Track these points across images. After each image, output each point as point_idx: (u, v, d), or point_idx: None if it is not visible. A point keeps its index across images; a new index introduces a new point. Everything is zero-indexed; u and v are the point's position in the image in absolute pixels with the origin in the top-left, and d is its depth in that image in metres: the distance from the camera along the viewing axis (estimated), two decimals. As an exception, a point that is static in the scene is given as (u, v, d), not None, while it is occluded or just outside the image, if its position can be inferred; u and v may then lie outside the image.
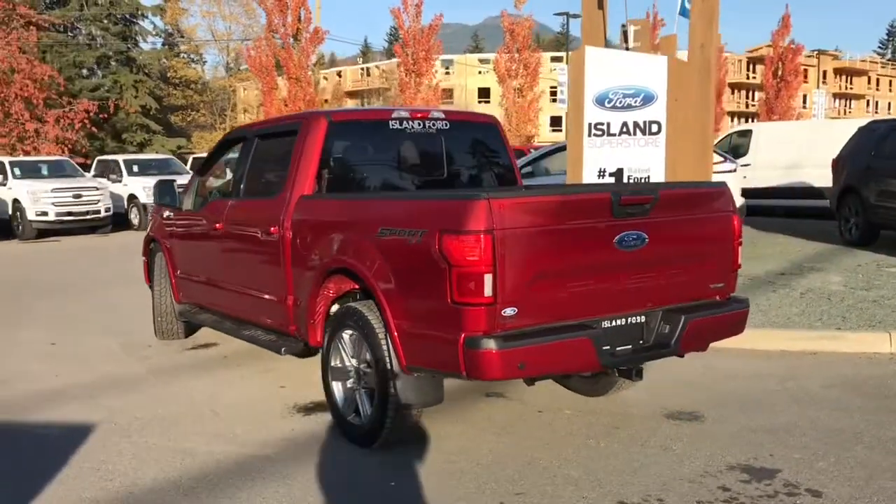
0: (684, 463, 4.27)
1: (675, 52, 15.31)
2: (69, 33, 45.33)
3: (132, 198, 20.09)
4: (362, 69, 75.77)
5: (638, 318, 4.31)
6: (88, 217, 17.70)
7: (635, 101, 8.35)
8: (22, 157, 22.50)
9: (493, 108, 47.41)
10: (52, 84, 32.09)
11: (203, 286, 6.37)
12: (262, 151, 5.78)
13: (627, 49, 8.68)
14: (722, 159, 11.74)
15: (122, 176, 20.40)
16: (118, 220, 19.33)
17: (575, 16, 34.59)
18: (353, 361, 4.59)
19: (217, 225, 5.92)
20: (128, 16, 46.73)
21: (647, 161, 8.34)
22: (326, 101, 34.74)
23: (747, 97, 69.98)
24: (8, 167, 18.60)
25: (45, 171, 19.16)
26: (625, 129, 8.45)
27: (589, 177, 8.72)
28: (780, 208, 16.21)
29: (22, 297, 10.06)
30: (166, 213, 6.92)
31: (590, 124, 8.63)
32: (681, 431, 4.78)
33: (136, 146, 44.47)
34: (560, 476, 4.13)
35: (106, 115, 36.95)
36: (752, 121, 52.90)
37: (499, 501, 3.84)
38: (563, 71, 30.99)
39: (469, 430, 4.86)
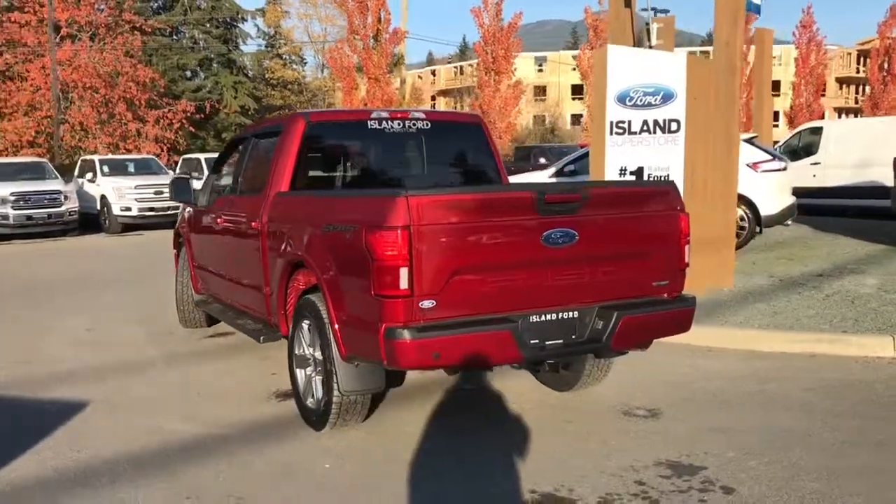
0: (613, 457, 4.35)
1: (771, 45, 14.98)
2: (174, 37, 47.47)
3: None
4: (456, 68, 76.31)
5: (571, 313, 4.42)
6: (169, 212, 18.66)
7: (655, 100, 8.34)
8: (111, 156, 23.80)
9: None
10: (153, 86, 33.80)
11: (212, 277, 6.78)
12: (255, 151, 6.14)
13: (651, 47, 8.65)
14: (770, 157, 11.45)
15: (202, 173, 21.36)
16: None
17: (663, 11, 34.12)
18: (310, 350, 4.86)
19: (219, 220, 6.31)
20: (228, 19, 48.57)
21: (666, 159, 8.33)
22: (405, 98, 35.22)
23: (856, 92, 66.78)
24: (97, 165, 19.82)
25: (131, 169, 20.29)
26: (645, 128, 8.45)
27: (611, 175, 8.75)
28: (851, 208, 15.61)
29: (87, 287, 10.81)
30: (188, 209, 7.38)
31: (611, 122, 8.67)
32: (629, 428, 4.85)
33: (234, 145, 46.16)
34: (487, 464, 4.29)
35: (203, 115, 38.53)
36: (858, 117, 50.52)
37: (414, 485, 4.04)
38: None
39: (424, 417, 5.06)
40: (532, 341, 4.29)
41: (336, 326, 4.39)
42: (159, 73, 39.62)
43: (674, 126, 8.28)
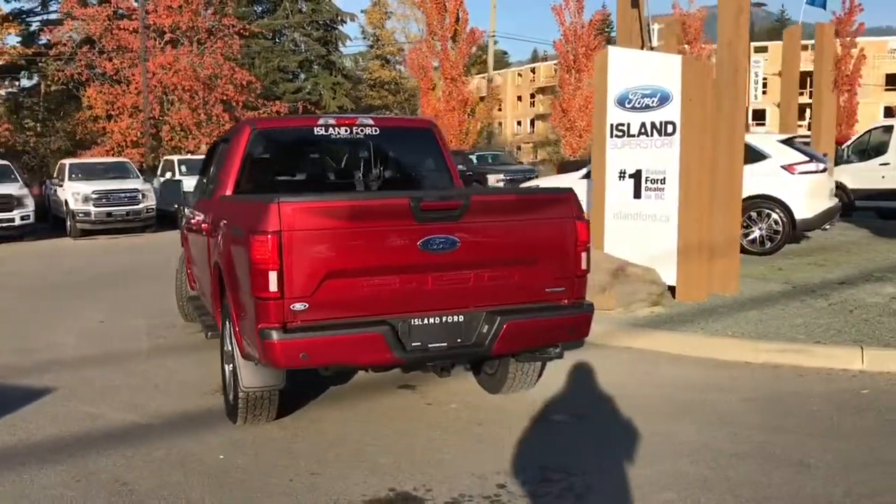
0: (497, 460, 4.41)
1: (799, 43, 14.49)
2: (276, 41, 49.20)
3: None
4: (555, 66, 75.51)
5: (457, 317, 4.51)
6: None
7: (652, 102, 8.26)
8: (189, 156, 24.87)
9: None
10: (250, 88, 35.15)
11: (196, 274, 7.18)
12: (220, 156, 6.47)
13: (652, 49, 8.53)
14: (807, 159, 11.01)
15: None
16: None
17: (759, 4, 32.97)
18: (229, 347, 5.13)
19: (193, 221, 6.69)
20: (328, 21, 49.94)
21: (663, 162, 8.21)
22: (482, 98, 35.38)
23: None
24: (176, 164, 20.88)
25: None
26: (643, 130, 8.38)
27: (611, 178, 8.70)
28: (923, 211, 14.78)
29: (127, 281, 11.51)
30: (186, 210, 7.81)
31: (612, 125, 8.64)
32: (537, 432, 4.89)
33: (331, 144, 47.47)
34: (367, 461, 4.44)
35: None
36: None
37: (289, 479, 4.23)
38: (756, 63, 29.64)
39: (343, 416, 5.25)
40: (414, 344, 4.41)
41: (236, 327, 4.64)
42: (256, 75, 41.24)
43: (669, 128, 8.15)
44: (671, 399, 5.53)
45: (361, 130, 5.97)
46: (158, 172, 21.91)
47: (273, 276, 4.12)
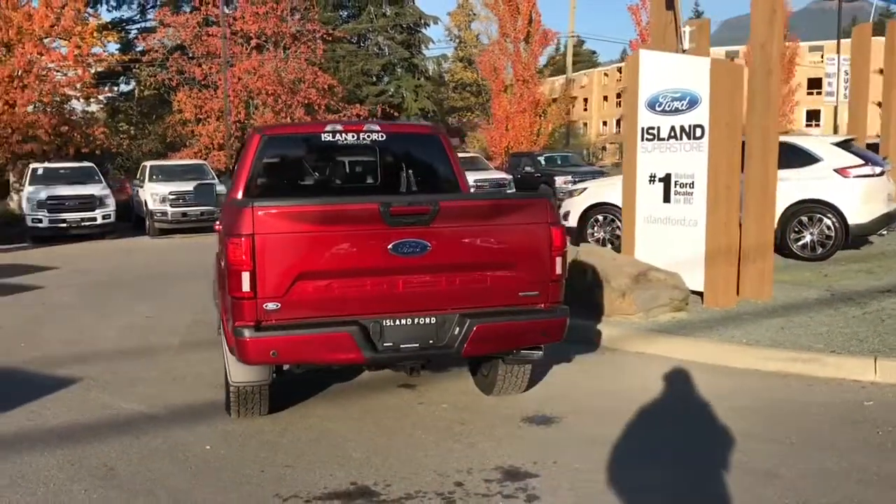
0: (463, 459, 4.53)
1: (869, 40, 14.03)
2: (360, 44, 50.09)
3: None
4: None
5: (429, 319, 4.65)
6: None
7: (682, 105, 8.20)
8: None
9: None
10: (332, 91, 35.92)
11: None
12: (236, 160, 6.77)
13: (684, 51, 8.44)
14: (862, 162, 10.63)
15: None
16: None
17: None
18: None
19: (215, 223, 7.02)
20: (412, 25, 50.51)
21: (692, 166, 8.13)
22: (555, 100, 35.11)
23: None
24: None
25: None
26: (673, 134, 8.32)
27: (641, 182, 8.66)
28: None
29: (188, 278, 12.00)
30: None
31: (642, 128, 8.61)
32: (512, 433, 4.99)
33: (412, 145, 48.00)
34: (342, 456, 4.63)
35: (384, 118, 40.24)
36: None
37: (261, 469, 4.46)
38: (831, 61, 28.53)
39: (336, 412, 5.45)
40: (386, 344, 4.57)
41: (224, 324, 4.90)
42: (339, 79, 42.09)
43: (698, 132, 8.05)
44: (661, 405, 5.52)
45: (368, 136, 6.16)
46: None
47: (246, 277, 4.35)
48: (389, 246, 4.47)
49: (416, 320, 4.63)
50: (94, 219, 18.50)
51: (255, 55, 33.28)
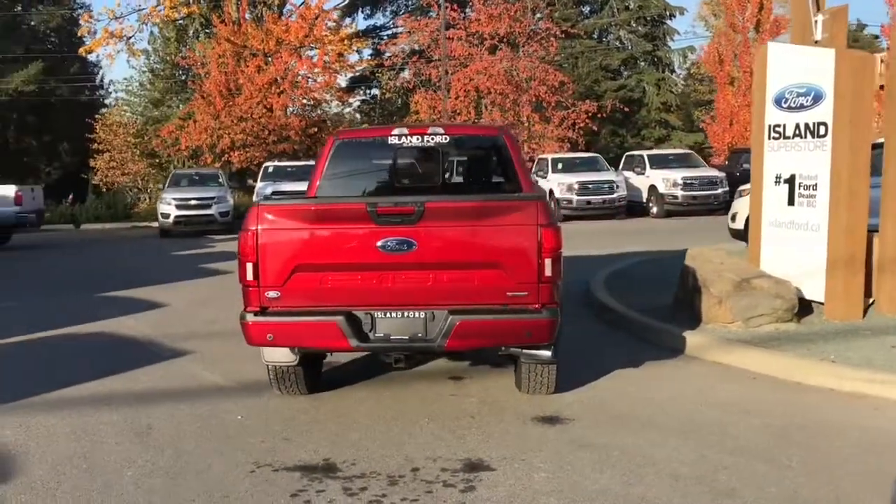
0: (439, 449, 4.72)
1: None
2: (601, 39, 49.66)
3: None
4: None
5: (418, 313, 4.91)
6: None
7: (807, 101, 7.70)
8: (656, 151, 26.73)
9: None
10: (562, 88, 36.06)
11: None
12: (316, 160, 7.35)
13: (816, 42, 7.82)
14: None
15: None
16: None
17: None
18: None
19: None
20: (656, 17, 49.19)
21: (815, 166, 7.60)
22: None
23: None
24: (646, 159, 24.22)
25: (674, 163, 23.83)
26: (797, 132, 7.85)
27: (768, 183, 8.20)
28: None
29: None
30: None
31: (769, 126, 8.20)
32: (509, 430, 5.08)
33: (653, 141, 46.85)
34: (338, 436, 5.01)
35: (624, 113, 39.63)
36: None
37: (261, 440, 4.98)
38: None
39: (370, 396, 5.86)
40: (377, 335, 4.91)
41: None
42: (577, 75, 42.10)
43: (822, 129, 7.44)
44: (690, 416, 5.30)
45: (432, 139, 6.47)
46: (621, 167, 25.50)
47: (250, 267, 4.90)
48: (378, 243, 4.80)
49: (405, 314, 4.92)
50: None
51: (486, 56, 34.27)
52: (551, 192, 22.26)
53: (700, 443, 4.78)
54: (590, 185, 22.24)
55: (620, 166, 25.49)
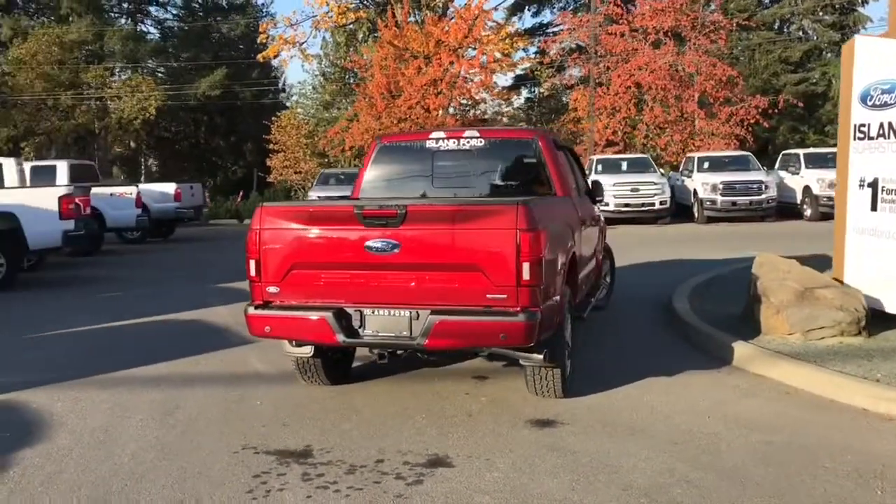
0: (416, 443, 4.90)
1: None
2: (783, 30, 46.94)
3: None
4: None
5: (405, 312, 5.09)
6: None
7: (890, 98, 7.29)
8: (813, 150, 25.57)
9: None
10: (731, 82, 34.45)
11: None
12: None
13: (909, 33, 7.23)
14: None
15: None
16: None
17: None
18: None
19: None
20: (845, 4, 45.89)
21: (896, 169, 7.03)
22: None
23: None
24: (801, 158, 22.51)
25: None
26: (881, 132, 7.40)
27: (852, 187, 7.71)
28: None
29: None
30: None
31: (855, 126, 7.74)
32: (493, 430, 5.14)
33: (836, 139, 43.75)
34: (331, 425, 5.30)
35: (805, 108, 37.47)
36: None
37: (262, 425, 5.35)
38: None
39: (384, 390, 6.10)
40: (367, 331, 5.16)
41: None
42: (754, 68, 40.12)
43: (904, 129, 6.87)
44: (689, 428, 5.12)
45: (468, 142, 6.61)
46: (777, 166, 24.20)
47: (253, 264, 5.29)
48: (365, 244, 5.03)
49: (392, 312, 5.13)
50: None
51: (649, 50, 33.40)
52: (695, 192, 21.39)
53: (679, 456, 4.65)
54: (736, 186, 21.15)
55: (777, 165, 24.06)
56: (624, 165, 23.07)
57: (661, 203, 21.05)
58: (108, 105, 37.45)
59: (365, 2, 38.76)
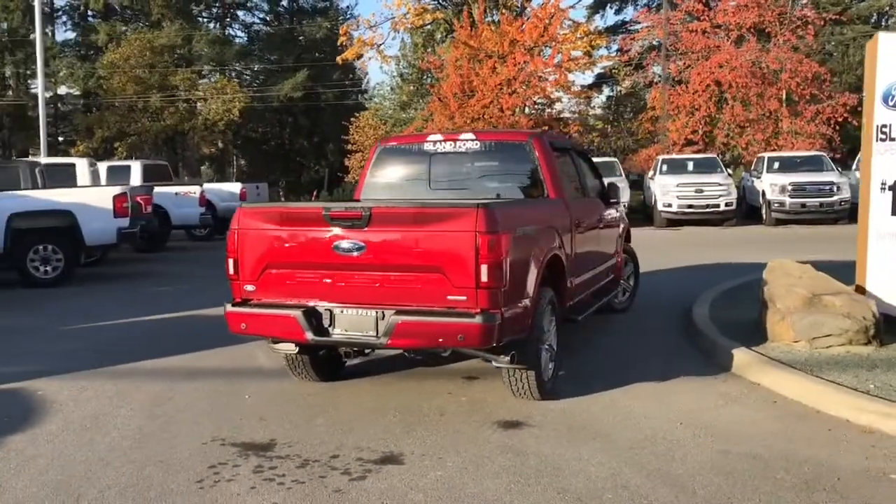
0: (374, 440, 5.00)
1: None
2: (881, 24, 44.86)
3: None
4: None
5: (371, 312, 5.21)
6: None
7: None
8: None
9: None
10: (817, 79, 33.15)
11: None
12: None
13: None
14: None
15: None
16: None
17: None
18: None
19: None
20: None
21: (916, 172, 6.76)
22: None
23: None
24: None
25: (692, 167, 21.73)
26: None
27: (874, 190, 7.44)
28: None
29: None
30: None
31: (877, 126, 7.46)
32: (458, 430, 5.20)
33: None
34: (305, 420, 5.46)
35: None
36: None
37: (240, 417, 5.55)
38: None
39: (373, 389, 6.23)
40: (336, 330, 5.30)
41: None
42: (848, 64, 38.57)
43: (923, 130, 6.58)
44: (655, 434, 5.06)
45: (463, 144, 6.68)
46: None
47: (231, 262, 5.50)
48: (333, 245, 5.17)
49: (360, 312, 5.25)
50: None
51: (730, 47, 32.49)
52: (763, 193, 20.68)
53: (629, 461, 4.61)
54: (806, 187, 20.40)
55: (854, 166, 22.99)
56: (690, 166, 22.49)
57: (726, 204, 20.42)
58: (195, 107, 38.85)
59: (443, 2, 39.02)
